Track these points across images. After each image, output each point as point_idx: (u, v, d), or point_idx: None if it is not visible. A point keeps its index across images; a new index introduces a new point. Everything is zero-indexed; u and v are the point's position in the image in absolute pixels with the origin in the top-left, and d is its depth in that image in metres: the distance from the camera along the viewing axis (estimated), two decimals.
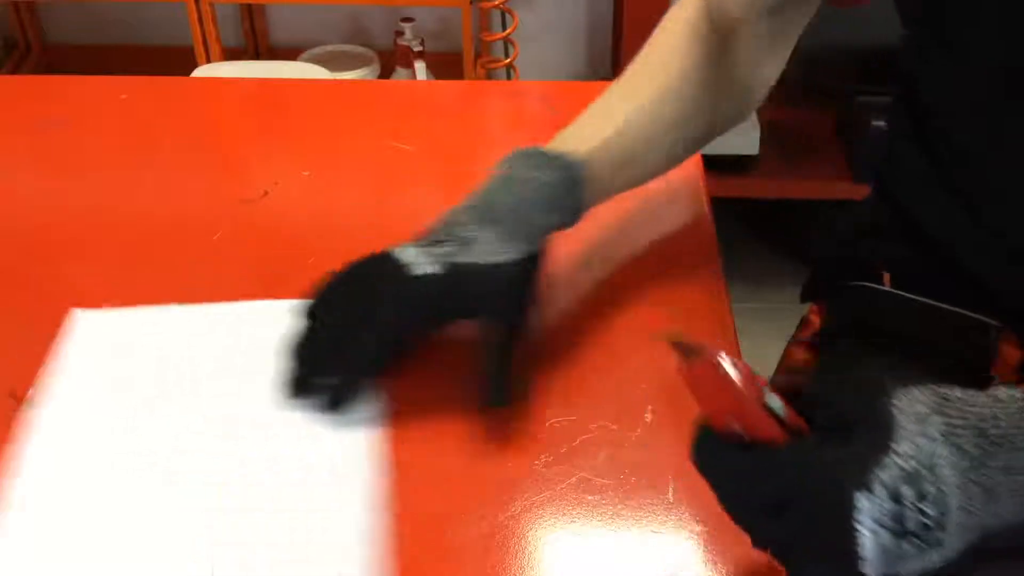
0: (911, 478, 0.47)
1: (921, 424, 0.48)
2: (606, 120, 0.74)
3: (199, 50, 2.13)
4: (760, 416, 0.50)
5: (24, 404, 0.70)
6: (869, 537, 0.46)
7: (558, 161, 0.69)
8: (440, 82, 1.83)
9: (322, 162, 0.97)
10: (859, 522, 0.46)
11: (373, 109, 1.07)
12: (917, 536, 0.46)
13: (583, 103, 1.10)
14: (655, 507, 0.63)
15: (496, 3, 2.15)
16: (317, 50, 2.42)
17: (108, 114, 1.05)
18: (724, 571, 0.60)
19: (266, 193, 0.92)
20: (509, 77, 2.29)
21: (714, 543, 0.61)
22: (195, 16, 2.10)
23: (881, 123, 1.89)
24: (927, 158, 0.66)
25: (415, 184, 0.97)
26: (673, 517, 0.63)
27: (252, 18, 2.47)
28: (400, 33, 2.27)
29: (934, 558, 0.47)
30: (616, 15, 2.39)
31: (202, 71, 1.99)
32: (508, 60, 2.24)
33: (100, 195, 0.93)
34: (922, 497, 0.46)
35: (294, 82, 1.16)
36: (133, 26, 2.52)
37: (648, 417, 0.69)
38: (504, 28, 2.22)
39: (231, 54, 2.30)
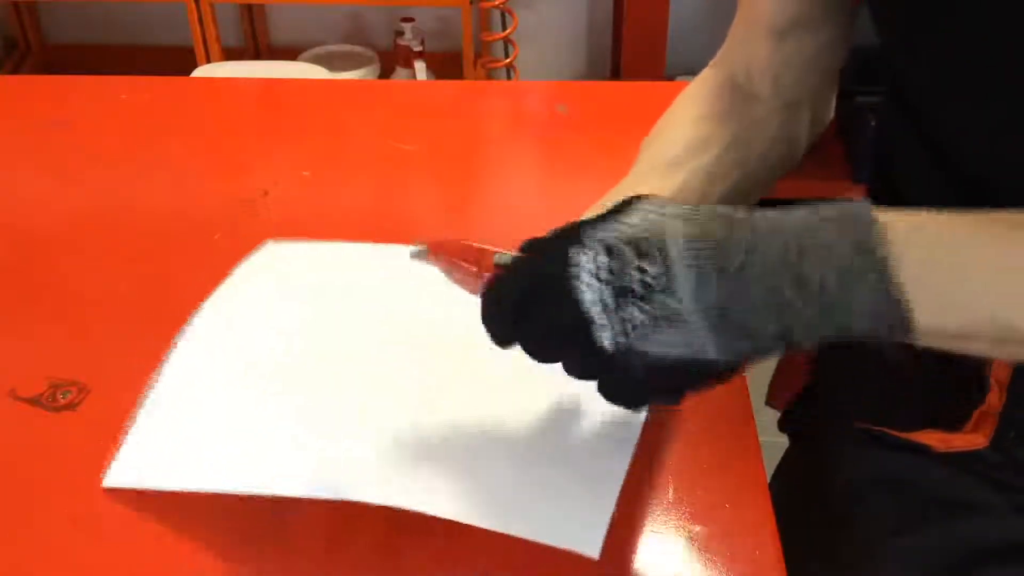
0: (632, 240, 0.45)
1: (661, 207, 0.46)
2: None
3: (199, 50, 2.13)
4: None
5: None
6: (586, 292, 0.45)
7: None
8: (440, 82, 1.83)
9: (322, 162, 0.97)
10: (576, 277, 0.45)
11: (373, 109, 1.07)
12: (642, 298, 0.45)
13: (583, 103, 1.11)
14: (655, 507, 0.63)
15: (496, 3, 2.15)
16: (317, 50, 2.42)
17: (108, 114, 1.05)
18: (724, 571, 0.60)
19: (266, 193, 0.92)
20: (509, 77, 2.29)
21: (714, 543, 0.61)
22: (195, 16, 2.10)
23: None
24: (921, 151, 0.66)
25: (415, 184, 0.97)
26: (673, 517, 0.63)
27: (252, 18, 2.47)
28: (400, 33, 2.27)
29: (678, 339, 0.45)
30: (616, 15, 2.39)
31: (202, 71, 2.00)
32: (508, 60, 2.24)
33: (100, 195, 0.93)
34: (642, 255, 0.45)
35: (294, 82, 1.16)
36: (133, 26, 2.52)
37: (648, 417, 0.69)
38: (504, 28, 2.22)
39: (231, 54, 2.30)
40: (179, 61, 2.18)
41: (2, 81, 1.59)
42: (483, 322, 0.52)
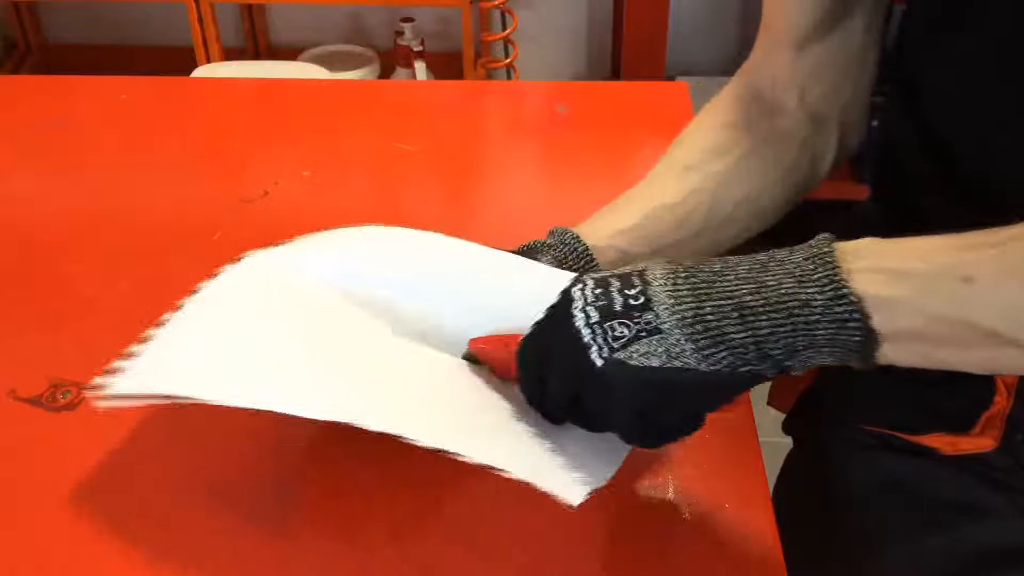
0: (618, 275, 0.52)
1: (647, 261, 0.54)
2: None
3: (199, 50, 2.13)
4: None
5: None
6: (580, 315, 0.51)
7: None
8: (440, 82, 1.83)
9: (322, 162, 0.97)
10: (573, 306, 0.52)
11: (373, 109, 1.07)
12: (626, 316, 0.50)
13: (583, 103, 1.11)
14: (655, 507, 0.63)
15: (496, 3, 2.15)
16: (317, 50, 2.42)
17: (108, 114, 1.05)
18: (724, 571, 0.60)
19: (266, 193, 0.92)
20: (509, 77, 2.29)
21: (714, 543, 0.61)
22: (195, 16, 2.10)
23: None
24: (924, 151, 0.66)
25: (415, 184, 0.97)
26: (673, 517, 0.63)
27: (252, 18, 2.47)
28: (400, 33, 2.27)
29: (657, 346, 0.50)
30: (616, 15, 2.39)
31: (202, 71, 2.00)
32: (508, 60, 2.24)
33: (100, 195, 0.93)
34: (626, 285, 0.51)
35: (294, 82, 1.16)
36: (133, 26, 2.52)
37: None
38: (504, 28, 2.22)
39: (231, 54, 2.30)
40: (179, 61, 2.18)
41: (2, 81, 1.59)
42: (522, 391, 0.58)
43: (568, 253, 0.66)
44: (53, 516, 0.64)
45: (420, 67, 2.26)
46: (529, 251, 0.66)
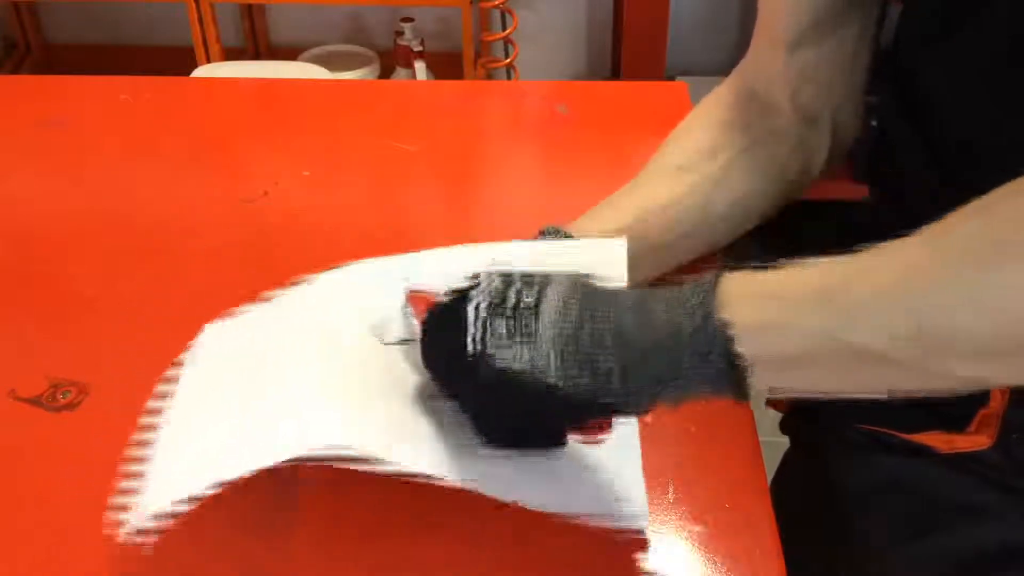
0: (528, 277, 0.52)
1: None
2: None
3: (199, 50, 2.13)
4: None
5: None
6: (472, 302, 0.52)
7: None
8: (440, 82, 1.83)
9: (322, 162, 0.97)
10: (472, 292, 0.52)
11: (373, 109, 1.07)
12: (511, 316, 0.50)
13: (583, 103, 1.11)
14: (655, 507, 0.63)
15: (496, 3, 2.15)
16: (317, 50, 2.42)
17: (108, 114, 1.05)
18: (724, 571, 0.60)
19: (266, 193, 0.92)
20: (509, 77, 2.29)
21: (714, 543, 0.61)
22: (195, 16, 2.10)
23: None
24: (920, 150, 0.66)
25: (415, 184, 0.97)
26: (673, 517, 0.63)
27: (252, 18, 2.47)
28: (400, 33, 2.27)
29: (525, 354, 0.50)
30: (616, 15, 2.39)
31: (202, 71, 2.00)
32: (508, 60, 2.24)
33: (100, 195, 0.93)
34: (527, 285, 0.51)
35: (294, 82, 1.16)
36: (133, 26, 2.52)
37: (648, 418, 0.69)
38: (504, 28, 2.22)
39: (231, 54, 2.30)
40: (179, 61, 2.18)
41: (2, 81, 1.59)
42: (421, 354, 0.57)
43: None
44: (53, 516, 0.64)
45: (420, 67, 2.26)
46: None
